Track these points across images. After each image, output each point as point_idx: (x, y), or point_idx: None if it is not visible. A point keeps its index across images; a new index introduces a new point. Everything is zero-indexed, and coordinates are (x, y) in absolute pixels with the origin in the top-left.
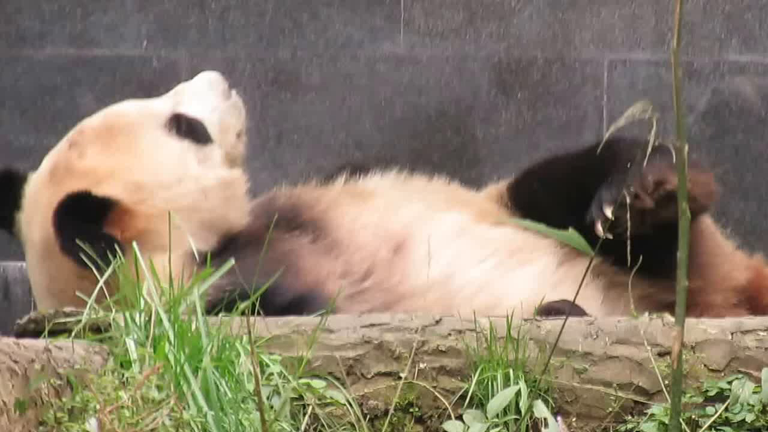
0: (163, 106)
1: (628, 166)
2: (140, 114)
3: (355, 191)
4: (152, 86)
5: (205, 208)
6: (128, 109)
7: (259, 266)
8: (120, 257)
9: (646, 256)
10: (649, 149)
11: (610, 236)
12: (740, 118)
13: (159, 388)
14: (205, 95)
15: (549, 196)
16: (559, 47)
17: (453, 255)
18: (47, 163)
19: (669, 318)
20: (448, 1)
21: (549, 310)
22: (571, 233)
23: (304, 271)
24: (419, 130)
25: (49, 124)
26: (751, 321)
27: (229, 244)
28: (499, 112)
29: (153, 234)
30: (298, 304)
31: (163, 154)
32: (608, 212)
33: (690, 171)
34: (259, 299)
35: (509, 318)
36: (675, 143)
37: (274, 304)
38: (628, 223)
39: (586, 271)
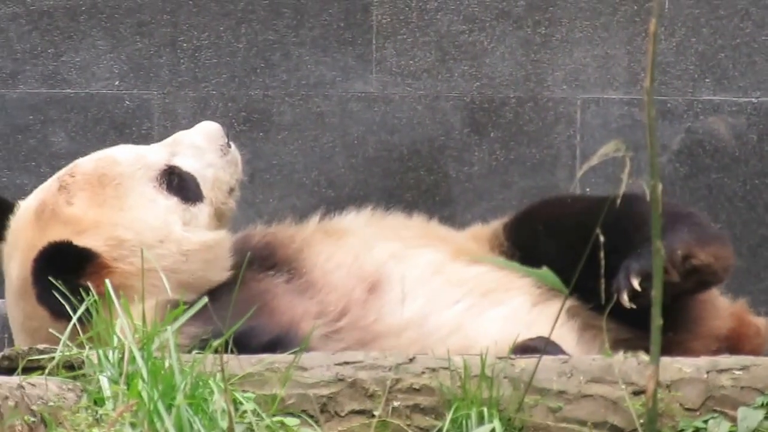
0: (157, 155)
1: None
2: (133, 164)
3: (329, 229)
4: (124, 125)
5: (185, 270)
6: (122, 156)
7: (233, 307)
8: (94, 303)
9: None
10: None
11: (635, 306)
12: (714, 158)
13: (133, 425)
14: (202, 149)
15: (552, 240)
16: (531, 86)
17: (427, 295)
18: (35, 199)
19: (644, 357)
20: (420, 41)
21: (525, 347)
22: (546, 272)
23: (279, 312)
24: (392, 169)
25: (21, 162)
26: (726, 360)
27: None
28: (472, 151)
29: (129, 289)
30: (275, 346)
31: (149, 213)
32: (635, 284)
33: (714, 245)
34: (235, 340)
35: (483, 356)
36: (649, 183)
37: (250, 345)
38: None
39: (560, 309)
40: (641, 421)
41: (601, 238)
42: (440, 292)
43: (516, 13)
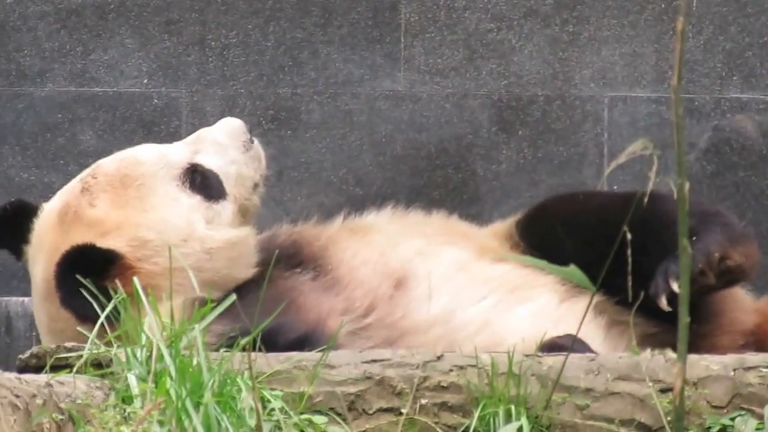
0: (180, 154)
1: (693, 238)
2: (155, 164)
3: (354, 227)
4: (153, 123)
5: (210, 268)
6: (144, 156)
7: (260, 304)
8: (123, 302)
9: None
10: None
11: (670, 309)
12: (741, 156)
13: (161, 423)
14: (224, 146)
15: (568, 237)
16: (559, 85)
17: (454, 292)
18: (59, 201)
19: (671, 354)
20: (448, 39)
21: (552, 345)
22: (573, 269)
23: (305, 309)
24: (420, 167)
25: (50, 161)
26: (753, 357)
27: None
28: (500, 149)
29: (154, 289)
30: (302, 343)
31: (171, 212)
32: (675, 287)
33: (744, 245)
34: (262, 337)
35: (511, 354)
36: (676, 181)
37: (278, 343)
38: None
39: (588, 306)
40: (668, 418)
41: (629, 236)
42: (466, 288)
43: (544, 11)
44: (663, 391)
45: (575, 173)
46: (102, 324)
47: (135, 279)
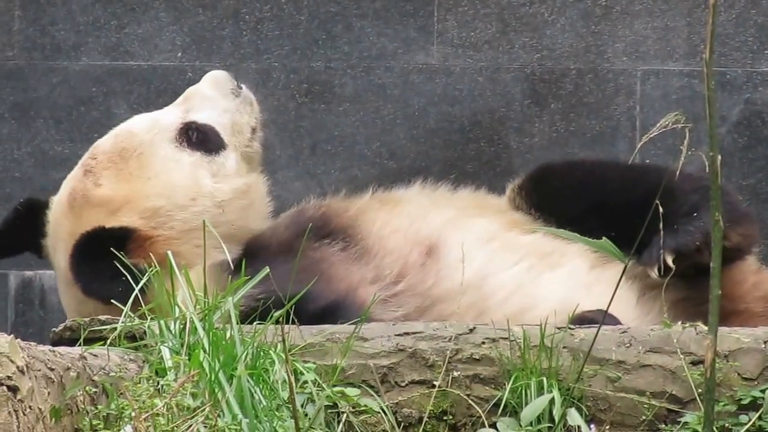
0: (171, 116)
1: (695, 215)
2: (150, 131)
3: (383, 198)
4: None
5: (224, 222)
6: (138, 126)
7: (292, 275)
8: (157, 276)
9: None
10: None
11: (658, 277)
12: None
13: (194, 395)
14: (213, 98)
15: (576, 200)
16: (592, 58)
17: (485, 259)
18: (65, 188)
19: (702, 327)
20: (481, 13)
21: (582, 319)
22: (605, 242)
23: (336, 279)
24: (453, 141)
25: (84, 134)
26: None
27: (260, 255)
28: (533, 123)
29: (175, 255)
30: (332, 312)
31: (175, 174)
32: (669, 261)
33: (744, 225)
34: (292, 307)
35: (543, 326)
36: (708, 154)
37: (307, 312)
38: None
39: (621, 277)
40: (699, 390)
41: (660, 210)
42: (498, 255)
43: None
44: (694, 363)
45: (608, 147)
46: (137, 298)
47: (169, 252)
